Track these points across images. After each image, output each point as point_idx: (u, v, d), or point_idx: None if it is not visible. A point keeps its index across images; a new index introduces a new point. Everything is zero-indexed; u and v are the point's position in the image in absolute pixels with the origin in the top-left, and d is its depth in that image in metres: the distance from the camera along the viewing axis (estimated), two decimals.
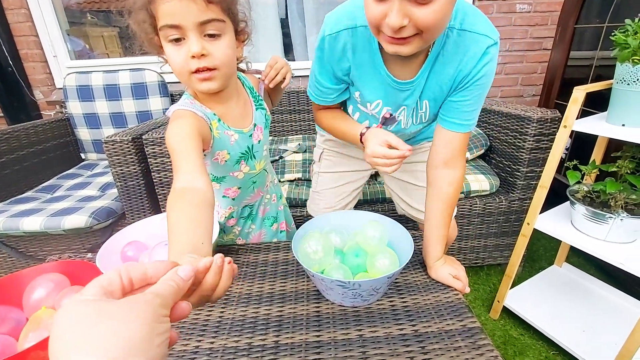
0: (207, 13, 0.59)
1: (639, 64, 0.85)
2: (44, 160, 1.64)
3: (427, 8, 0.51)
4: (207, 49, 0.61)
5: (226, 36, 0.64)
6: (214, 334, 0.66)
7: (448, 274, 0.73)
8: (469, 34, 0.64)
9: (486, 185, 1.32)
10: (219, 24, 0.62)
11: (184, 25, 0.59)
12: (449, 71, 0.68)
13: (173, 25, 0.59)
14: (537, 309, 1.21)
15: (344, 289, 0.66)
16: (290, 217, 1.10)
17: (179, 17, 0.58)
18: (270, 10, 2.05)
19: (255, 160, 0.83)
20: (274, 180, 1.01)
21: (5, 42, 1.81)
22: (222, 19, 0.62)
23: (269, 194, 0.97)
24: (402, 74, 0.70)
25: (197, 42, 0.60)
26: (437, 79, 0.69)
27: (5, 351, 0.57)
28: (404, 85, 0.71)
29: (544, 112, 1.18)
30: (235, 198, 0.87)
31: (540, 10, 1.87)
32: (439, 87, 0.70)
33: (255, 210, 0.94)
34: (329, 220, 0.85)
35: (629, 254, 0.93)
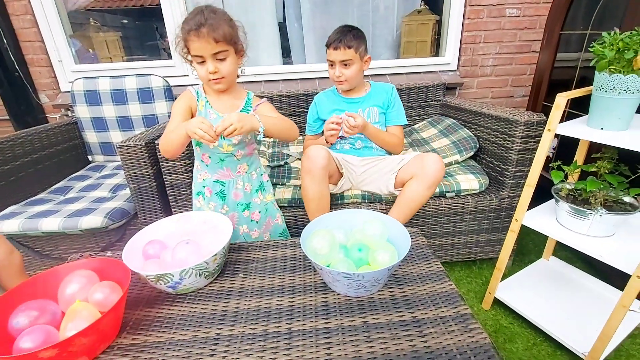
0: (217, 47, 0.96)
1: (615, 73, 0.93)
2: (55, 163, 1.69)
3: (348, 69, 1.37)
4: (217, 68, 0.99)
5: (229, 58, 1.00)
6: (232, 323, 0.73)
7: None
8: (379, 85, 1.51)
9: (475, 184, 1.40)
10: (224, 53, 0.98)
11: (204, 55, 0.97)
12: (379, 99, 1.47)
13: (198, 55, 0.98)
14: (525, 300, 1.29)
15: (349, 280, 0.73)
16: (275, 214, 1.29)
17: (201, 51, 0.97)
18: (268, 14, 2.11)
19: (224, 141, 1.08)
20: (253, 175, 1.19)
21: (12, 48, 1.86)
22: (226, 49, 0.98)
23: (242, 181, 1.16)
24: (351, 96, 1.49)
25: (212, 64, 0.99)
26: (374, 100, 1.47)
27: (48, 339, 0.65)
28: (357, 99, 1.48)
29: (531, 115, 1.27)
30: (208, 165, 1.13)
31: (528, 14, 1.96)
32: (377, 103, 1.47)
33: (226, 191, 1.16)
34: (333, 219, 0.93)
35: (607, 247, 1.01)
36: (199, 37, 0.94)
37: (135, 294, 0.84)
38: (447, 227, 1.44)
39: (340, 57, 1.33)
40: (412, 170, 1.27)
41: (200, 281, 0.82)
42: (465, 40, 2.02)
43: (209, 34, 0.93)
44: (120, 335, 0.72)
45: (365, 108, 1.46)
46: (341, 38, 1.31)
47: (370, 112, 1.46)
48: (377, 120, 1.46)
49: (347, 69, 1.36)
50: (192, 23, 0.94)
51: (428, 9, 2.14)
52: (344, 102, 1.48)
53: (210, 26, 0.93)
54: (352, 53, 1.32)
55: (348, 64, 1.35)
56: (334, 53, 1.34)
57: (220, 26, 0.95)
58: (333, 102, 1.49)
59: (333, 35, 1.35)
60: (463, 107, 1.67)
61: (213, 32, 0.94)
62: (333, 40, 1.33)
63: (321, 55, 2.18)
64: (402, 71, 2.12)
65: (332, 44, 1.33)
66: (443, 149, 1.58)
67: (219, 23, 0.95)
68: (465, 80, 2.09)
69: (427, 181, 1.22)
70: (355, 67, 1.36)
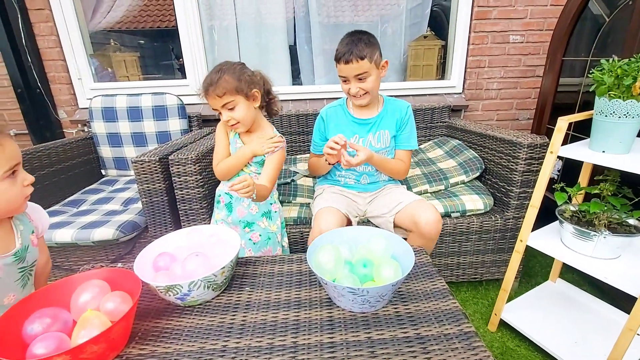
0: (222, 101, 1.09)
1: (614, 98, 0.96)
2: (69, 176, 1.75)
3: (365, 82, 1.21)
4: (230, 116, 1.12)
5: (239, 105, 1.11)
6: (239, 335, 0.75)
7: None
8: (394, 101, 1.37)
9: (480, 204, 1.41)
10: (231, 103, 1.10)
11: (218, 109, 1.12)
12: (392, 119, 1.34)
13: (214, 109, 1.13)
14: (532, 322, 1.28)
15: (354, 295, 0.75)
16: (277, 247, 1.30)
17: (214, 106, 1.12)
18: (279, 38, 2.20)
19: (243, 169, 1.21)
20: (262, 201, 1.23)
21: (35, 66, 1.96)
22: (232, 100, 1.10)
23: (247, 201, 1.23)
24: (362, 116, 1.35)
25: (225, 114, 1.12)
26: (387, 121, 1.34)
27: (61, 345, 0.66)
28: (368, 120, 1.34)
29: (534, 138, 1.29)
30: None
31: (532, 41, 2.01)
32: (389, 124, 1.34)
33: (234, 204, 1.23)
34: (338, 235, 0.95)
35: (612, 269, 1.01)
36: (207, 95, 1.10)
37: (144, 305, 0.86)
38: (453, 246, 1.45)
39: (354, 71, 1.18)
40: (407, 223, 1.24)
41: (208, 293, 0.83)
42: (470, 65, 2.07)
43: (213, 91, 1.08)
44: (129, 345, 0.74)
45: (375, 132, 1.33)
46: (352, 49, 1.15)
47: (381, 136, 1.33)
48: (388, 145, 1.34)
49: (363, 82, 1.20)
50: (204, 85, 1.10)
51: (434, 34, 2.21)
52: (354, 122, 1.33)
53: (212, 85, 1.08)
54: (366, 64, 1.16)
55: (364, 77, 1.19)
56: (346, 68, 1.18)
57: (222, 82, 1.07)
58: (341, 121, 1.35)
59: (341, 46, 1.18)
60: (468, 129, 1.70)
61: (215, 90, 1.08)
62: (343, 53, 1.17)
63: (330, 78, 2.25)
64: (408, 93, 2.18)
65: (342, 58, 1.17)
66: (450, 169, 1.60)
67: (221, 79, 1.07)
68: (471, 103, 2.14)
69: (425, 237, 1.20)
70: (372, 78, 1.20)
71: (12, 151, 0.73)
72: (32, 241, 0.83)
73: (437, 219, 1.18)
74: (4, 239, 0.78)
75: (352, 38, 1.17)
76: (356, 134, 1.32)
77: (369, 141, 1.33)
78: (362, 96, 1.24)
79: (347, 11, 2.24)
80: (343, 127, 1.34)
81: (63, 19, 1.96)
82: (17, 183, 0.75)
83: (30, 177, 0.77)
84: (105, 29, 2.29)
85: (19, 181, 0.75)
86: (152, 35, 2.66)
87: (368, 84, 1.21)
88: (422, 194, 1.52)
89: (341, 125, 1.34)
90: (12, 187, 0.74)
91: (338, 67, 1.21)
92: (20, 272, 0.80)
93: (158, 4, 2.64)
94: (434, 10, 2.21)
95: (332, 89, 2.14)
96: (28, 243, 0.81)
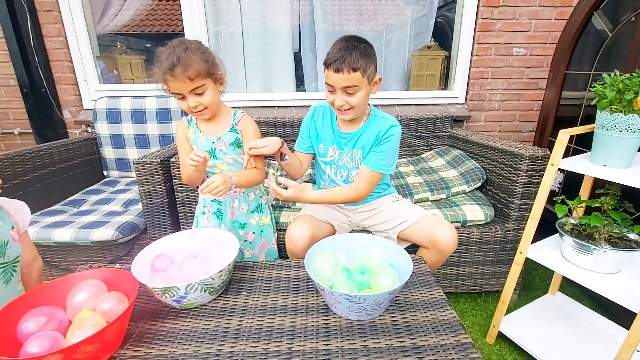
0: (193, 84, 0.99)
1: (616, 112, 0.96)
2: (71, 176, 1.76)
3: (353, 97, 1.05)
4: (198, 101, 1.02)
5: (208, 90, 1.03)
6: (234, 340, 0.74)
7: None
8: (379, 117, 1.18)
9: (481, 215, 1.41)
10: (201, 87, 1.01)
11: (183, 92, 1.01)
12: (371, 135, 1.16)
13: (177, 93, 1.02)
14: (531, 335, 1.26)
15: (351, 302, 0.74)
16: (272, 237, 1.29)
17: (179, 89, 1.00)
18: (284, 45, 2.22)
19: (217, 160, 1.14)
20: (250, 195, 1.22)
21: (42, 66, 1.98)
22: (203, 84, 1.01)
23: (238, 201, 1.19)
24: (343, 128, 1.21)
25: (192, 100, 1.02)
26: (365, 138, 1.17)
27: (55, 344, 0.66)
28: (346, 135, 1.20)
29: (535, 150, 1.29)
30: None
31: (535, 54, 2.02)
32: (366, 142, 1.17)
33: (223, 209, 1.19)
34: (336, 242, 0.94)
35: (613, 284, 1.00)
36: (174, 77, 0.96)
37: (140, 307, 0.86)
38: (452, 256, 1.44)
39: (342, 82, 1.01)
40: (422, 241, 1.18)
41: (204, 297, 0.83)
42: (473, 76, 2.08)
43: (183, 73, 0.95)
44: (124, 347, 0.73)
45: (350, 150, 1.20)
46: (345, 57, 0.98)
47: (354, 155, 1.20)
48: (357, 166, 1.21)
49: (351, 96, 1.04)
50: (166, 64, 0.96)
51: (438, 45, 2.23)
52: (337, 135, 1.22)
53: (183, 65, 0.95)
54: (358, 77, 1.00)
55: (353, 91, 1.03)
56: (335, 76, 1.01)
57: (193, 63, 0.96)
58: (328, 128, 1.22)
59: (334, 51, 1.01)
60: (470, 139, 1.71)
61: (186, 71, 0.96)
62: (334, 59, 0.99)
63: None
64: (411, 102, 2.19)
65: (333, 65, 1.00)
66: (451, 179, 1.60)
67: (191, 60, 0.96)
68: (473, 114, 2.14)
69: (442, 255, 1.16)
70: (361, 94, 1.04)
71: None
72: (13, 237, 0.82)
73: (456, 237, 1.14)
74: None
75: (347, 44, 1.00)
76: (335, 144, 1.23)
77: (343, 159, 1.22)
78: (346, 111, 1.08)
79: (353, 20, 2.26)
80: (327, 133, 1.23)
81: (71, 21, 1.99)
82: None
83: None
84: (112, 32, 2.32)
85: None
86: (158, 39, 2.68)
87: (355, 100, 1.04)
88: (423, 201, 1.52)
89: (326, 130, 1.23)
90: None
91: (326, 72, 1.04)
92: (2, 268, 0.79)
93: (165, 8, 2.67)
94: (439, 21, 2.23)
95: None
96: (8, 238, 0.80)
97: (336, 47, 1.02)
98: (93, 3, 2.11)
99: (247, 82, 2.24)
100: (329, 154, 1.24)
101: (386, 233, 1.26)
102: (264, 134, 1.92)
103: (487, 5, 1.94)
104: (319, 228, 1.21)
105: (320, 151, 1.26)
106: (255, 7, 2.12)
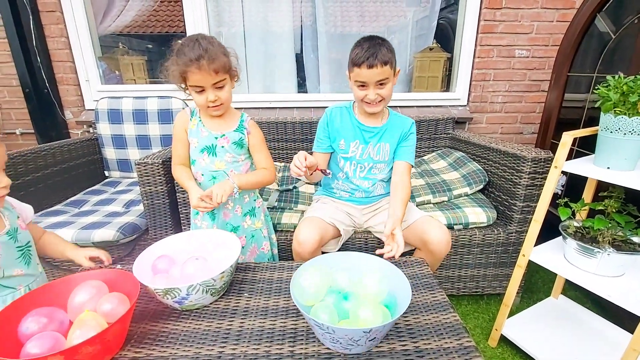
0: (217, 78, 1.00)
1: (620, 115, 0.95)
2: (73, 176, 1.76)
3: (384, 88, 1.15)
4: (217, 96, 1.03)
5: (227, 85, 1.05)
6: (236, 342, 0.74)
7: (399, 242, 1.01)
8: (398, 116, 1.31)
9: (483, 217, 1.40)
10: (223, 81, 1.03)
11: (205, 86, 1.01)
12: (396, 132, 1.28)
13: (198, 86, 1.01)
14: (533, 339, 1.26)
15: (321, 330, 0.67)
16: (262, 242, 1.28)
17: (202, 82, 0.99)
18: (286, 46, 2.22)
19: (216, 158, 1.13)
20: (245, 198, 1.21)
21: (44, 67, 1.98)
22: (224, 78, 1.02)
23: (233, 202, 1.18)
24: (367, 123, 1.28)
25: (212, 94, 1.02)
26: (390, 133, 1.28)
27: (56, 345, 0.66)
28: (372, 129, 1.28)
29: (538, 152, 1.29)
30: (201, 183, 1.15)
31: (538, 56, 2.02)
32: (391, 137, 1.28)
33: (216, 210, 1.16)
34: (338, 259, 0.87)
35: (616, 288, 1.00)
36: (200, 69, 0.96)
37: (141, 308, 0.85)
38: (454, 258, 1.43)
39: (376, 77, 1.11)
40: (415, 242, 1.23)
41: (206, 298, 0.83)
42: (475, 78, 2.08)
43: (209, 65, 0.96)
44: (125, 348, 0.73)
45: (376, 143, 1.28)
46: (376, 53, 1.09)
47: (381, 149, 1.29)
48: (386, 159, 1.30)
49: (383, 88, 1.15)
50: (192, 55, 0.96)
51: (440, 46, 2.23)
52: (358, 128, 1.28)
53: (210, 58, 0.96)
54: (388, 70, 1.12)
55: (384, 82, 1.14)
56: (368, 73, 1.11)
57: (218, 57, 0.98)
58: (346, 123, 1.29)
59: (362, 51, 1.11)
60: (472, 141, 1.70)
61: (213, 63, 0.97)
62: (366, 57, 1.09)
63: (335, 86, 2.26)
64: (413, 104, 2.18)
65: (366, 62, 1.09)
66: (453, 181, 1.59)
67: (217, 54, 0.98)
68: (475, 116, 2.14)
69: (434, 256, 1.19)
70: (390, 85, 1.16)
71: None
72: (20, 225, 0.88)
73: (447, 239, 1.17)
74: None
75: (373, 42, 1.11)
76: (357, 139, 1.28)
77: (368, 151, 1.29)
78: (378, 103, 1.18)
79: (354, 21, 2.26)
80: (347, 129, 1.29)
81: (74, 22, 1.99)
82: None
83: (5, 181, 0.81)
84: (114, 33, 2.32)
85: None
86: (160, 39, 2.69)
87: (386, 91, 1.16)
88: (425, 204, 1.51)
89: (346, 127, 1.29)
90: None
91: (356, 71, 1.13)
92: (20, 251, 0.86)
93: (167, 9, 2.67)
94: (441, 23, 2.23)
95: (337, 98, 2.15)
96: (16, 226, 0.86)
97: (362, 46, 1.12)
98: (95, 4, 2.11)
99: (249, 83, 2.24)
100: (351, 149, 1.28)
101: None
102: (265, 135, 1.91)
103: (490, 7, 1.94)
104: (326, 231, 1.22)
105: (341, 147, 1.29)
106: (257, 8, 2.12)
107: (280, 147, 1.97)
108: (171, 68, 1.00)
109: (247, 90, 2.24)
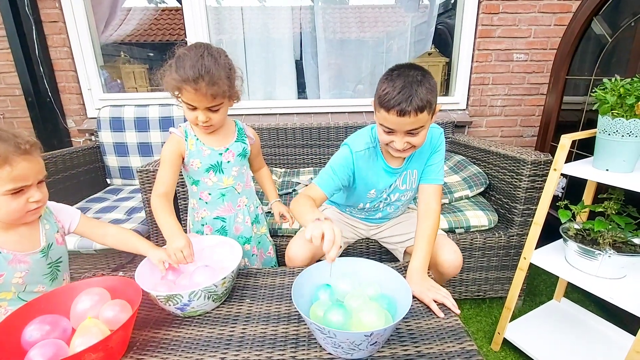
0: (212, 102, 0.93)
1: (617, 117, 0.96)
2: (75, 184, 1.77)
3: (416, 137, 0.90)
4: (209, 117, 0.96)
5: (222, 108, 0.97)
6: (238, 348, 0.74)
7: (430, 299, 0.85)
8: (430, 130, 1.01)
9: (484, 220, 1.41)
10: (218, 106, 0.95)
11: (198, 106, 0.93)
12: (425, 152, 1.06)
13: (191, 105, 0.93)
14: (536, 342, 1.25)
15: (322, 334, 0.67)
16: (268, 246, 1.27)
17: (195, 102, 0.92)
18: (286, 52, 2.24)
19: (224, 175, 1.07)
20: (251, 208, 1.18)
21: (46, 76, 2.00)
22: (221, 102, 0.95)
23: (242, 215, 1.15)
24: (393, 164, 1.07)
25: (203, 115, 0.95)
26: (417, 158, 1.07)
27: (59, 352, 0.66)
28: (398, 169, 1.07)
29: (538, 155, 1.29)
30: (208, 202, 1.10)
31: (536, 59, 2.03)
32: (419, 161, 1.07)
33: (227, 226, 1.13)
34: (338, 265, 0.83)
35: (618, 289, 0.99)
36: (196, 90, 0.88)
37: (143, 315, 0.85)
38: None
39: (407, 126, 0.86)
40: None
41: (208, 304, 0.83)
42: (474, 82, 2.09)
43: (207, 89, 0.88)
44: (127, 355, 0.73)
45: (402, 172, 1.09)
46: (411, 97, 0.82)
47: (408, 177, 1.09)
48: (414, 187, 1.12)
49: (414, 137, 0.90)
50: (191, 73, 0.86)
51: (438, 51, 2.25)
52: (385, 171, 1.08)
53: (210, 82, 0.87)
54: (424, 117, 0.86)
55: (418, 131, 0.89)
56: (397, 120, 0.85)
57: (219, 81, 0.89)
58: (372, 167, 1.07)
59: (393, 91, 0.83)
60: (472, 145, 1.71)
61: (211, 88, 0.88)
62: (397, 102, 0.83)
63: (335, 92, 2.27)
64: None
65: (396, 107, 0.83)
66: (454, 184, 1.60)
67: (218, 77, 0.88)
68: (474, 119, 2.15)
69: (443, 277, 1.11)
70: (424, 132, 0.91)
71: (21, 173, 0.74)
72: (57, 239, 0.88)
73: (459, 263, 1.07)
74: (32, 238, 0.83)
75: (409, 80, 0.83)
76: (388, 185, 1.11)
77: (395, 185, 1.12)
78: (406, 150, 0.94)
79: (354, 27, 2.29)
80: (375, 173, 1.08)
81: (76, 31, 2.02)
82: (20, 199, 0.76)
83: (37, 195, 0.79)
84: (116, 42, 2.35)
85: (23, 198, 0.76)
86: (161, 48, 2.72)
87: (419, 139, 0.90)
88: None
89: (374, 170, 1.07)
90: (12, 202, 0.75)
91: (382, 113, 0.88)
92: (49, 267, 0.86)
93: (168, 18, 2.71)
94: (439, 28, 2.25)
95: (336, 104, 2.16)
96: (52, 241, 0.86)
97: (395, 84, 0.84)
98: (97, 14, 2.13)
99: (249, 90, 2.26)
100: (378, 194, 1.13)
101: (394, 246, 1.25)
102: (265, 141, 1.93)
103: (487, 12, 1.96)
104: (319, 248, 1.02)
105: (369, 196, 1.13)
106: (257, 15, 2.15)
107: (280, 153, 1.98)
108: (167, 77, 0.91)
109: (247, 96, 2.26)
